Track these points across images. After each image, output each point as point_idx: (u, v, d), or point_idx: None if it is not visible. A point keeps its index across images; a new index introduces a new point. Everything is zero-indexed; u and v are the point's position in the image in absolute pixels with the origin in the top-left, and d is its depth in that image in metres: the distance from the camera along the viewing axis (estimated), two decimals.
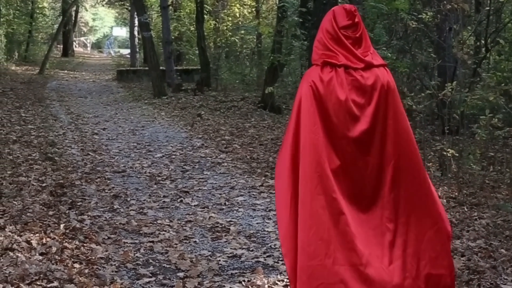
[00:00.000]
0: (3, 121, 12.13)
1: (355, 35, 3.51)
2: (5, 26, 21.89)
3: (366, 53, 3.53)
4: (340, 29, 3.50)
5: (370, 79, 3.49)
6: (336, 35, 3.51)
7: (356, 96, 3.47)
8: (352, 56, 3.49)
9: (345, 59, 3.48)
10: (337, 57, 3.49)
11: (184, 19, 25.59)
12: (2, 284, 4.12)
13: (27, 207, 6.19)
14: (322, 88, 3.47)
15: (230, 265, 4.86)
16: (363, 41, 3.54)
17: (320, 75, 3.49)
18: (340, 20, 3.52)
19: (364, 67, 3.49)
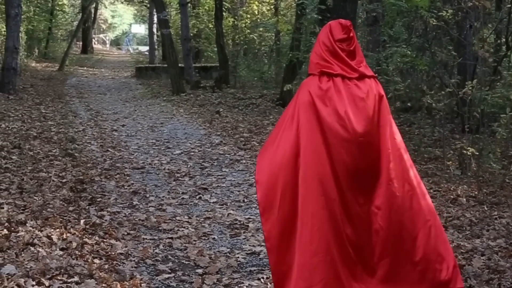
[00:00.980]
0: (23, 117, 12.24)
1: (349, 48, 3.78)
2: (25, 23, 22.04)
3: (359, 64, 3.80)
4: (336, 42, 3.76)
5: (364, 88, 3.74)
6: (332, 47, 3.76)
7: (352, 104, 3.70)
8: (347, 67, 3.74)
9: (341, 70, 3.73)
10: (333, 67, 3.74)
11: (202, 16, 25.63)
12: (24, 279, 4.16)
13: (48, 202, 6.25)
14: (321, 96, 3.72)
15: (249, 262, 4.87)
16: (357, 54, 3.82)
17: (319, 84, 3.74)
18: (336, 34, 3.77)
19: (358, 77, 3.75)
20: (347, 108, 3.68)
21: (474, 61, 10.53)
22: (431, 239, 3.80)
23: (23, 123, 11.48)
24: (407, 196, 3.80)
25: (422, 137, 10.32)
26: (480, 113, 8.14)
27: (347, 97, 3.70)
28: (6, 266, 4.35)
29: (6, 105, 13.54)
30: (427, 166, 8.48)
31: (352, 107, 3.70)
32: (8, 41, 16.02)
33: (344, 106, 3.68)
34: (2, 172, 7.43)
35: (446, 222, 5.88)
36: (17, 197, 6.41)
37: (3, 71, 15.85)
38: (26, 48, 24.87)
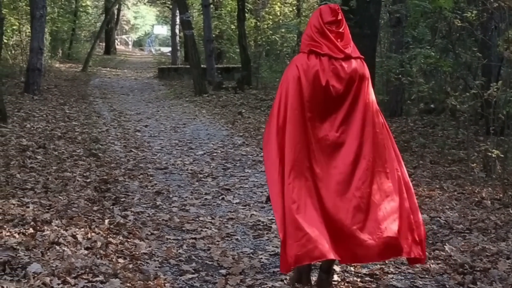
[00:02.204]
0: (48, 117, 12.36)
1: (338, 30, 4.05)
2: (49, 24, 22.24)
3: (346, 46, 4.04)
4: (325, 24, 4.03)
5: (349, 68, 4.01)
6: (322, 29, 4.03)
7: (335, 81, 3.99)
8: (334, 47, 4.00)
9: (328, 49, 4.00)
10: (321, 47, 4.01)
11: (225, 17, 25.69)
12: (50, 277, 4.20)
13: (72, 202, 6.31)
14: (307, 71, 4.00)
15: (272, 263, 4.87)
16: (345, 36, 4.07)
17: (306, 61, 4.02)
18: (326, 17, 4.04)
19: (344, 58, 4.01)
20: (328, 84, 3.97)
21: (499, 62, 10.44)
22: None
23: (48, 123, 11.60)
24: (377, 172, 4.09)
25: (446, 139, 10.25)
26: (505, 115, 8.06)
27: (330, 75, 3.98)
28: (32, 264, 4.40)
29: (31, 105, 13.69)
30: (451, 168, 8.42)
31: (334, 83, 3.99)
32: (33, 42, 16.19)
33: (327, 81, 3.97)
34: (27, 172, 7.52)
35: (471, 224, 5.84)
36: (42, 196, 6.48)
37: (28, 71, 16.02)
38: (50, 49, 25.06)
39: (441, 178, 7.86)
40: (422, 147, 9.78)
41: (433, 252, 5.12)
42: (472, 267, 4.74)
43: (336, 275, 4.60)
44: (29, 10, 18.38)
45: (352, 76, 4.01)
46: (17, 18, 19.84)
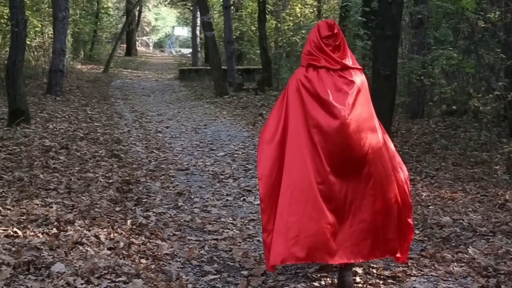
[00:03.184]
0: (70, 118, 12.46)
1: (335, 43, 4.33)
2: (72, 25, 22.42)
3: (344, 57, 4.31)
4: (322, 39, 4.33)
5: (345, 78, 4.26)
6: (319, 43, 4.33)
7: (333, 91, 4.24)
8: (331, 60, 4.28)
9: (325, 62, 4.28)
10: (319, 60, 4.30)
11: (245, 18, 25.71)
12: (73, 277, 4.24)
13: (95, 202, 6.36)
14: (306, 84, 4.31)
15: (294, 265, 4.85)
16: (342, 47, 4.35)
17: (305, 74, 4.33)
18: (323, 32, 4.35)
19: (341, 68, 4.28)
20: (328, 93, 4.22)
21: None
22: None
23: (70, 124, 11.70)
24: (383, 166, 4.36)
25: (468, 141, 10.16)
26: None
27: (329, 85, 4.24)
28: (56, 264, 4.45)
29: (53, 106, 13.82)
30: (473, 170, 8.35)
31: (333, 93, 4.22)
32: (55, 43, 16.35)
33: (326, 92, 4.22)
34: (50, 172, 7.60)
35: (494, 227, 5.79)
36: (65, 196, 6.54)
37: (50, 73, 16.18)
38: (72, 51, 25.28)
39: (463, 180, 7.80)
40: (444, 149, 9.71)
41: (456, 254, 5.08)
42: (496, 270, 4.69)
43: (358, 277, 4.59)
44: (51, 12, 18.56)
45: (349, 85, 4.25)
46: (40, 20, 20.04)
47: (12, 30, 11.05)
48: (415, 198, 6.89)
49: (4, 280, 4.14)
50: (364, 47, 11.49)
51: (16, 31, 10.83)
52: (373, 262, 4.87)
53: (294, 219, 4.16)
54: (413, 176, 8.02)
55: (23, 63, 11.57)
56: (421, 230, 5.79)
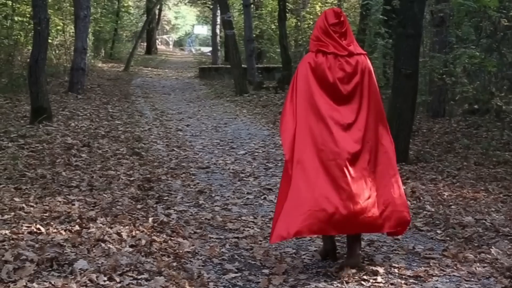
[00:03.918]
0: (92, 116, 12.55)
1: (341, 30, 4.62)
2: (92, 24, 22.57)
3: (349, 44, 4.62)
4: (330, 26, 4.60)
5: (352, 63, 4.57)
6: (327, 30, 4.61)
7: (341, 75, 4.55)
8: (339, 46, 4.57)
9: (333, 48, 4.57)
10: (327, 46, 4.58)
11: (265, 17, 25.72)
12: (96, 274, 4.27)
13: (117, 200, 6.39)
14: (315, 68, 4.57)
15: (315, 264, 4.86)
16: (348, 35, 4.66)
17: (314, 59, 4.59)
18: (330, 19, 4.62)
19: (348, 55, 4.57)
20: (335, 79, 4.53)
21: None
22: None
23: (92, 122, 11.78)
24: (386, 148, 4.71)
25: (491, 140, 10.07)
26: None
27: (336, 71, 4.54)
28: (78, 261, 4.47)
29: (75, 104, 13.92)
30: (496, 170, 8.28)
31: (340, 77, 4.54)
32: (77, 42, 16.47)
33: (333, 76, 4.53)
34: (72, 170, 7.66)
35: None
36: (87, 194, 6.59)
37: (72, 71, 16.31)
38: (93, 49, 25.43)
39: (486, 180, 7.74)
40: (466, 149, 9.64)
41: (479, 255, 5.04)
42: None
43: (380, 276, 4.57)
44: (73, 10, 18.69)
45: (355, 70, 4.57)
46: (61, 19, 20.19)
47: (35, 29, 11.15)
48: (436, 198, 6.86)
49: (28, 276, 4.17)
50: (385, 46, 11.44)
51: (39, 29, 10.92)
52: (394, 262, 4.86)
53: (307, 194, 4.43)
54: (435, 176, 7.98)
55: (46, 61, 11.67)
56: (443, 230, 5.76)
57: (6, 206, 5.86)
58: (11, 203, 5.97)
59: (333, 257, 4.89)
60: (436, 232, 5.72)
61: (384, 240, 5.44)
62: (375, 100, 4.68)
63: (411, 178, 7.82)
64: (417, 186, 7.34)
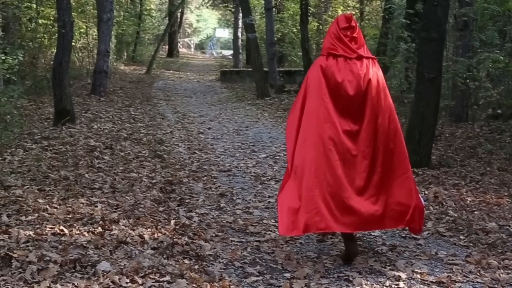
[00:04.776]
0: (114, 118, 12.64)
1: (352, 35, 4.86)
2: (115, 27, 22.73)
3: (359, 48, 4.85)
4: (341, 30, 4.86)
5: (361, 66, 4.80)
6: (338, 34, 4.86)
7: (350, 77, 4.79)
8: (348, 49, 4.81)
9: (343, 51, 4.81)
10: (337, 49, 4.83)
11: (287, 20, 25.71)
12: (118, 276, 4.29)
13: (139, 202, 6.43)
14: (326, 70, 4.83)
15: (336, 268, 4.85)
16: (358, 39, 4.89)
17: (325, 62, 4.85)
18: (341, 24, 4.87)
19: (356, 58, 4.81)
20: (344, 80, 4.77)
21: None
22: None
23: (114, 124, 11.86)
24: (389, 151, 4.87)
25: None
26: None
27: (345, 73, 4.78)
28: (101, 263, 4.50)
29: (97, 107, 14.03)
30: None
31: (350, 78, 4.77)
32: (100, 44, 16.59)
33: (342, 78, 4.77)
34: (95, 172, 7.71)
35: None
36: (110, 196, 6.63)
37: (95, 73, 16.43)
38: (116, 52, 25.60)
39: (509, 186, 7.66)
40: (489, 154, 9.55)
41: (503, 261, 5.00)
42: None
43: (402, 282, 4.55)
44: (96, 13, 18.84)
45: (364, 72, 4.79)
46: (85, 22, 20.35)
47: (59, 32, 11.25)
48: (459, 203, 6.81)
49: (52, 277, 4.21)
50: (408, 50, 11.37)
51: (63, 32, 11.03)
52: (417, 267, 4.83)
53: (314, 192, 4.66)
54: (458, 181, 7.92)
55: (69, 64, 11.77)
56: (466, 235, 5.71)
57: (30, 207, 5.92)
58: (35, 204, 6.03)
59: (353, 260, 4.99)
60: (459, 238, 5.67)
61: (406, 245, 5.42)
62: (385, 101, 4.88)
63: (433, 183, 7.76)
64: (440, 191, 7.28)
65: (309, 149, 4.74)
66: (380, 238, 5.63)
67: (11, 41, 14.35)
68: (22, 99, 11.59)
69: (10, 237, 4.99)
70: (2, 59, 9.58)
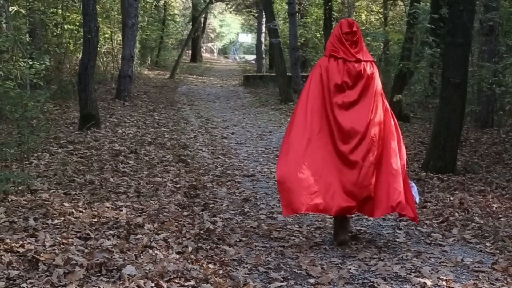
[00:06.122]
0: (138, 123, 12.72)
1: (353, 39, 5.33)
2: (139, 32, 22.90)
3: (358, 51, 5.33)
4: (343, 34, 5.32)
5: (358, 68, 5.30)
6: (340, 38, 5.33)
7: (348, 78, 5.30)
8: (348, 52, 5.29)
9: (343, 54, 5.30)
10: (338, 52, 5.31)
11: (310, 25, 25.67)
12: (143, 280, 4.31)
13: (163, 207, 6.46)
14: (326, 71, 5.33)
15: (361, 274, 4.82)
16: (358, 43, 5.35)
17: (326, 63, 5.35)
18: (344, 28, 5.33)
19: (355, 60, 5.30)
20: (343, 80, 5.27)
21: None
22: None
23: (138, 128, 11.94)
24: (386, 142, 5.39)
25: None
26: None
27: (344, 74, 5.28)
28: (127, 267, 4.52)
29: (122, 111, 14.13)
30: None
31: (347, 79, 5.28)
32: (124, 49, 16.72)
33: (341, 79, 5.27)
34: (120, 176, 7.77)
35: None
36: (134, 200, 6.67)
37: (119, 78, 16.55)
38: (140, 57, 25.77)
39: None
40: None
41: None
42: None
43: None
44: (120, 18, 18.99)
45: (361, 74, 5.28)
46: (109, 27, 20.52)
47: (85, 37, 11.36)
48: (485, 210, 6.74)
49: (78, 281, 4.24)
50: (433, 55, 11.29)
51: (89, 37, 11.14)
52: (442, 274, 4.79)
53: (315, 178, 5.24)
54: (483, 187, 7.85)
55: (95, 69, 11.87)
56: (492, 242, 5.65)
57: (56, 211, 5.98)
58: (61, 208, 6.09)
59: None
60: (485, 245, 5.62)
61: (432, 252, 5.38)
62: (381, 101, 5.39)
63: (459, 189, 7.70)
64: (465, 197, 7.22)
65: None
66: (405, 244, 5.60)
67: (38, 47, 14.52)
68: (48, 103, 11.69)
69: (37, 240, 5.05)
70: (29, 64, 9.69)
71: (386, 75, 19.56)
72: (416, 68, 12.66)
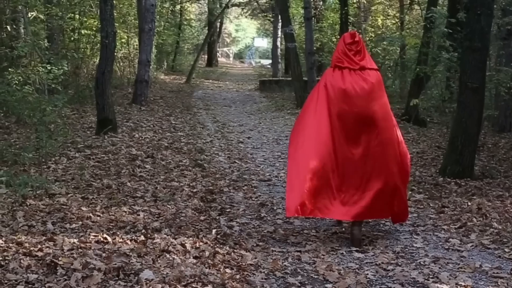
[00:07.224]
0: (155, 127, 12.77)
1: (356, 49, 5.64)
2: (156, 37, 23.01)
3: (362, 59, 5.62)
4: (346, 45, 5.65)
5: (363, 75, 5.57)
6: (343, 49, 5.65)
7: (353, 86, 5.54)
8: (352, 61, 5.59)
9: (348, 63, 5.59)
10: (343, 62, 5.61)
11: (326, 30, 25.64)
12: (161, 284, 4.33)
13: (180, 211, 6.48)
14: (332, 80, 5.61)
15: (379, 280, 4.81)
16: (362, 52, 5.66)
17: (332, 74, 5.65)
18: (346, 40, 5.68)
19: (359, 68, 5.59)
20: (348, 88, 5.52)
21: None
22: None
23: (155, 133, 11.98)
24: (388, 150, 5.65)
25: None
26: None
27: (350, 82, 5.53)
28: (144, 271, 4.53)
29: (138, 116, 14.19)
30: None
31: (352, 87, 5.51)
32: (141, 54, 16.81)
33: (346, 87, 5.52)
34: (137, 180, 7.80)
35: None
36: (151, 205, 6.69)
37: (136, 83, 16.64)
38: (156, 61, 25.87)
39: None
40: None
41: None
42: None
43: None
44: (137, 23, 19.08)
45: (366, 81, 5.54)
46: (126, 32, 20.64)
47: (102, 42, 11.42)
48: (504, 215, 6.69)
49: (96, 285, 4.26)
50: (450, 59, 11.24)
51: (106, 42, 11.19)
52: (461, 280, 4.76)
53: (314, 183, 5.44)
54: (501, 192, 7.79)
55: (112, 73, 11.93)
56: (511, 248, 5.61)
57: (74, 215, 6.02)
58: (78, 212, 6.13)
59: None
60: (504, 251, 5.58)
61: (450, 258, 5.35)
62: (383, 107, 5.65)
63: (476, 194, 7.65)
64: (483, 202, 7.16)
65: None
66: (422, 250, 5.57)
67: (56, 52, 14.63)
68: (65, 108, 11.78)
69: (55, 244, 5.08)
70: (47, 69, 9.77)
71: (402, 80, 19.54)
72: (433, 72, 12.61)
